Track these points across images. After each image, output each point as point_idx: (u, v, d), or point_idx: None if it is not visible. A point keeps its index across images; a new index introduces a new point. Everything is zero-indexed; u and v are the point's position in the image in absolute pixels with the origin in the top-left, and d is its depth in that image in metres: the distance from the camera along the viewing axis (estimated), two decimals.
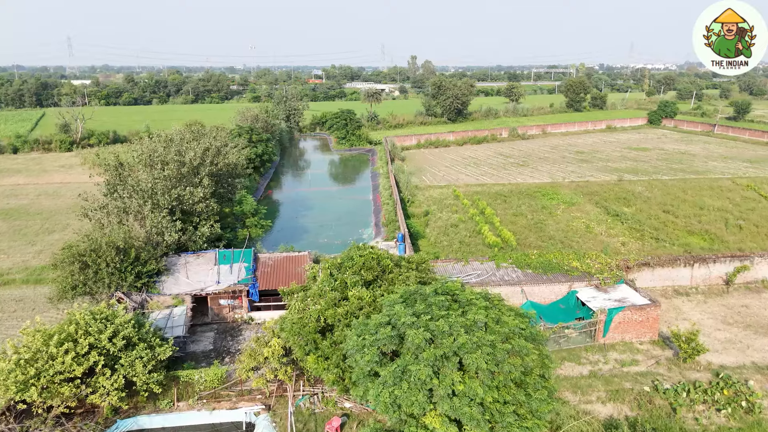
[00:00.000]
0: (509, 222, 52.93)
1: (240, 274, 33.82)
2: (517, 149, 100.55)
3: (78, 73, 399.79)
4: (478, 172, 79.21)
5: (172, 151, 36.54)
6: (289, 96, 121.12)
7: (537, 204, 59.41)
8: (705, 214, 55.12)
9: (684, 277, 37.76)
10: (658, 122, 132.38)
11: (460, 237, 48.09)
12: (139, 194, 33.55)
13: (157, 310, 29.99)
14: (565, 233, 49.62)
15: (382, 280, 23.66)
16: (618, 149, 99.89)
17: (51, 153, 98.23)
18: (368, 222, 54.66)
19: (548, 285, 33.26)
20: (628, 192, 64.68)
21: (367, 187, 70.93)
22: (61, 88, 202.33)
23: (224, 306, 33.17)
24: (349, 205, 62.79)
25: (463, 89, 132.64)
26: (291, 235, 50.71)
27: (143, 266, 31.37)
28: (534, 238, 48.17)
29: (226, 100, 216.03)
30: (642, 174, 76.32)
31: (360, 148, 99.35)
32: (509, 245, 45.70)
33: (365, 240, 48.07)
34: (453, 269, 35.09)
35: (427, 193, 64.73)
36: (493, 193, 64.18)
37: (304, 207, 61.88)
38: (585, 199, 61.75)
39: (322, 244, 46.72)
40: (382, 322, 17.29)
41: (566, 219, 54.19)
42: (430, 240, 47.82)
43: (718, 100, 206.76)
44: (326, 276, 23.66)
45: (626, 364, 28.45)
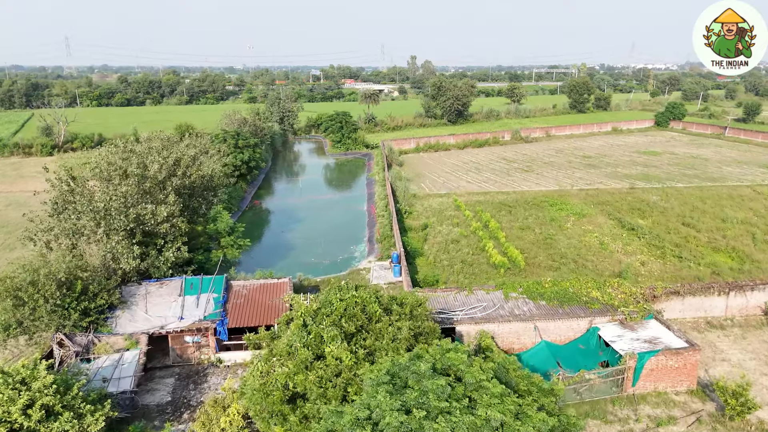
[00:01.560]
0: (515, 237, 48.27)
1: (208, 307, 29.18)
2: (521, 153, 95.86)
3: (75, 73, 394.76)
4: (480, 178, 74.56)
5: (134, 162, 31.88)
6: (283, 97, 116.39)
7: (545, 215, 54.73)
8: (729, 228, 50.46)
9: (718, 307, 33.14)
10: (665, 124, 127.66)
11: (462, 255, 43.42)
12: (90, 215, 28.90)
13: (105, 355, 25.36)
14: (578, 250, 44.95)
15: (368, 331, 19.03)
16: (626, 153, 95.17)
17: (32, 158, 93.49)
18: (361, 237, 49.95)
19: (565, 320, 28.63)
20: (641, 202, 59.99)
21: (361, 195, 66.21)
22: (52, 89, 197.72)
23: (188, 345, 28.53)
24: (342, 216, 58.11)
25: (463, 90, 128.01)
26: (274, 253, 46.03)
27: (91, 301, 26.75)
28: (544, 256, 43.51)
29: (222, 101, 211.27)
30: (654, 181, 71.65)
31: (356, 152, 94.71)
32: (517, 265, 41.04)
33: (357, 259, 43.38)
34: (455, 300, 30.45)
35: (426, 203, 60.07)
36: (497, 203, 59.50)
37: (293, 219, 57.13)
38: (596, 210, 57.07)
39: (308, 264, 42.01)
40: (360, 418, 12.68)
41: (577, 233, 49.53)
42: (428, 258, 43.13)
43: (724, 101, 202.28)
44: (298, 327, 19.00)
45: (662, 424, 23.79)
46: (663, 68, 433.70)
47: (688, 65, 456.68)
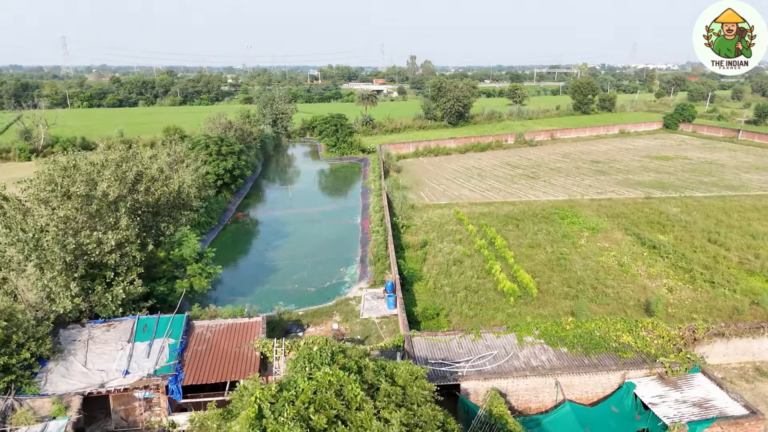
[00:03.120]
0: (525, 256, 43.30)
1: (161, 357, 24.18)
2: (525, 158, 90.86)
3: (72, 73, 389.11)
4: (483, 186, 69.58)
5: (78, 180, 26.91)
6: (276, 98, 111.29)
7: (556, 230, 49.77)
8: (761, 246, 45.49)
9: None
10: (675, 127, 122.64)
11: (466, 280, 38.43)
12: (19, 245, 23.92)
13: (24, 427, 20.35)
14: (596, 273, 40.00)
15: (345, 423, 14.04)
16: (637, 158, 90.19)
17: (9, 162, 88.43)
18: (353, 257, 44.81)
19: (592, 374, 23.63)
20: (660, 214, 55.00)
21: (355, 206, 61.09)
22: (42, 89, 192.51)
23: (136, 403, 23.53)
24: (333, 231, 52.94)
25: (464, 91, 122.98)
26: (254, 277, 40.84)
27: (14, 354, 21.76)
28: (558, 280, 38.53)
29: (217, 102, 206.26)
30: (670, 189, 66.68)
31: (351, 157, 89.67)
32: (528, 293, 36.06)
33: (347, 285, 38.31)
34: (459, 348, 25.43)
35: (426, 215, 55.11)
36: (502, 216, 54.52)
37: (278, 234, 51.99)
38: (611, 224, 52.08)
39: (290, 293, 36.92)
40: None
41: (593, 251, 44.58)
42: (428, 284, 38.09)
43: (731, 102, 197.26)
44: (249, 421, 13.95)
45: None
46: (664, 68, 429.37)
47: (689, 65, 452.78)
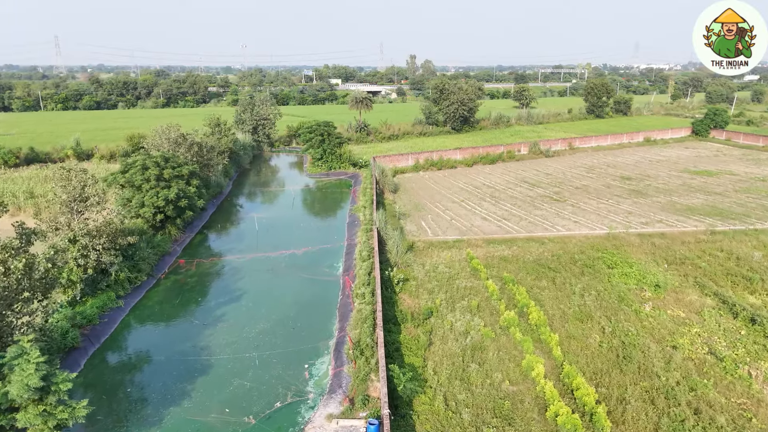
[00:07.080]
0: (574, 339, 30.09)
1: None
2: (544, 172, 77.69)
3: (65, 72, 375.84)
4: (498, 212, 56.33)
5: None
6: (257, 101, 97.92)
7: (606, 288, 36.60)
8: None
9: None
10: (705, 134, 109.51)
11: (493, 391, 25.22)
12: None
13: None
14: (685, 374, 26.78)
15: None
16: (674, 173, 77.05)
17: None
18: (325, 342, 30.68)
19: None
20: (738, 260, 41.77)
21: (337, 249, 46.77)
22: (14, 91, 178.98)
23: None
24: (304, 292, 38.17)
25: (469, 93, 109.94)
26: (162, 391, 26.64)
27: None
28: (635, 394, 25.13)
29: (203, 104, 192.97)
30: (731, 218, 53.52)
31: (340, 173, 76.25)
32: (596, 421, 22.80)
33: (308, 405, 24.63)
34: None
35: (429, 261, 41.89)
36: (530, 262, 41.32)
37: (226, 297, 37.32)
38: (678, 276, 38.91)
39: (214, 421, 23.50)
40: None
41: (668, 329, 31.40)
42: (434, 402, 24.69)
43: (752, 105, 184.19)
44: None
45: None
46: (666, 68, 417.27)
47: (692, 65, 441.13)
